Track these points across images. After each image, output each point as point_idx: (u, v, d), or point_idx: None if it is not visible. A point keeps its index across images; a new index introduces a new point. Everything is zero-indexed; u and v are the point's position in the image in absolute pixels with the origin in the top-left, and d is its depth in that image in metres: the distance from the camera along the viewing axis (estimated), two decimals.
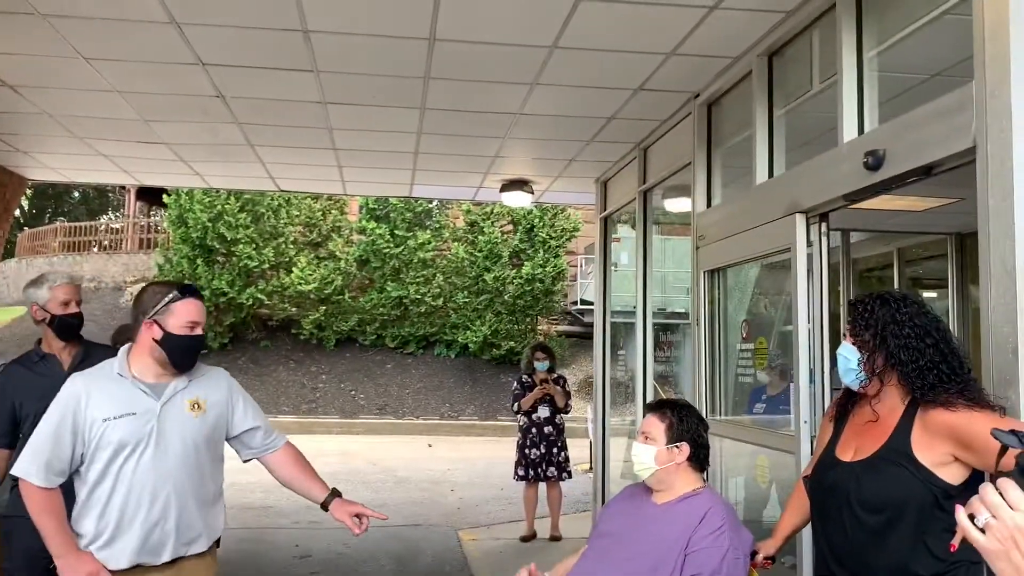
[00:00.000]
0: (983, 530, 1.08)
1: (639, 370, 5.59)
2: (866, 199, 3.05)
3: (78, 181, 8.31)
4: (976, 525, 1.08)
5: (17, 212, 13.35)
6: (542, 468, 7.10)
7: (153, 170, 6.75)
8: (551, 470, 7.10)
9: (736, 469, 4.51)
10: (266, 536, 7.17)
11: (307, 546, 6.80)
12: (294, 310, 18.07)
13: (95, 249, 23.20)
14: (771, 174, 3.76)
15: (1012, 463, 1.11)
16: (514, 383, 7.38)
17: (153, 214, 24.90)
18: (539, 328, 18.62)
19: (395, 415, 16.75)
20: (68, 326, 3.45)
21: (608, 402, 6.59)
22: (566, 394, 7.23)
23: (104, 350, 3.36)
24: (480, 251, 18.15)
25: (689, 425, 2.59)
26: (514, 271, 18.11)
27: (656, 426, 2.59)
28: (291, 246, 17.93)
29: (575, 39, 3.68)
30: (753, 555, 2.51)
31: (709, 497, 2.54)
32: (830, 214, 3.32)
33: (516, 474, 7.22)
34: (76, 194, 34.79)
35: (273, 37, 3.76)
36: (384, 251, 17.89)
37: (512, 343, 17.77)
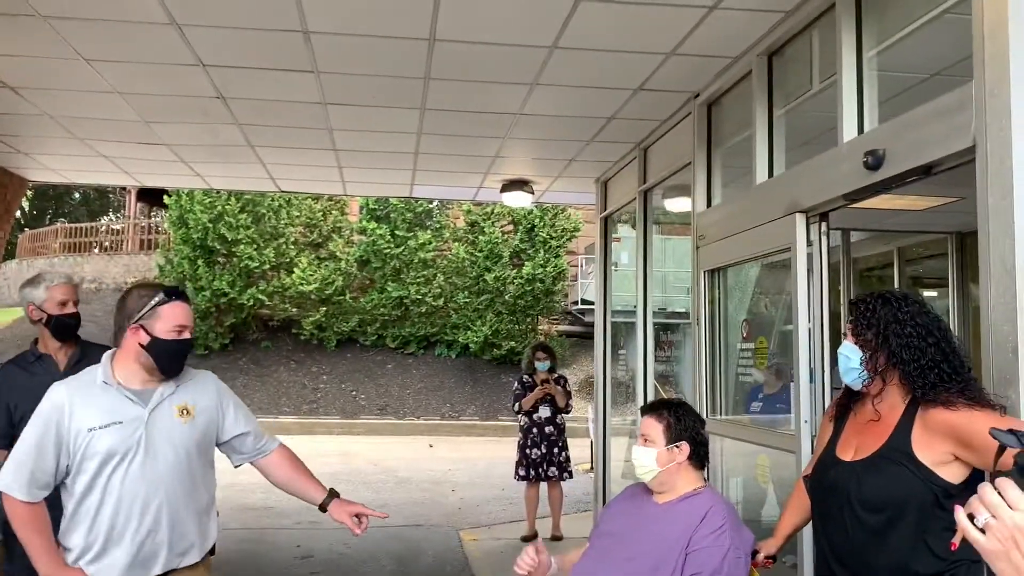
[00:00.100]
0: (983, 530, 1.07)
1: (640, 370, 5.59)
2: (866, 198, 3.05)
3: (79, 182, 8.30)
4: (976, 525, 1.08)
5: (18, 213, 13.34)
6: (543, 468, 7.09)
7: (154, 171, 6.75)
8: (552, 470, 7.09)
9: (736, 469, 4.52)
10: (267, 536, 7.16)
11: (308, 546, 6.79)
12: (295, 311, 18.07)
13: (96, 250, 23.22)
14: (771, 174, 3.77)
15: (1011, 462, 1.11)
16: (515, 383, 7.37)
17: (154, 215, 24.93)
18: (540, 328, 18.61)
19: (396, 415, 16.75)
20: (65, 327, 3.36)
21: (609, 402, 6.60)
22: (567, 394, 7.22)
23: (101, 350, 3.27)
24: (481, 251, 18.14)
25: (687, 424, 2.59)
26: (515, 271, 18.09)
27: (654, 427, 2.59)
28: (292, 247, 17.93)
29: (575, 39, 3.68)
30: (754, 554, 2.52)
31: (710, 496, 2.54)
32: (830, 213, 3.33)
33: (517, 474, 7.22)
34: (77, 195, 34.82)
35: (273, 38, 3.76)
36: (385, 251, 17.89)
37: (513, 343, 17.76)
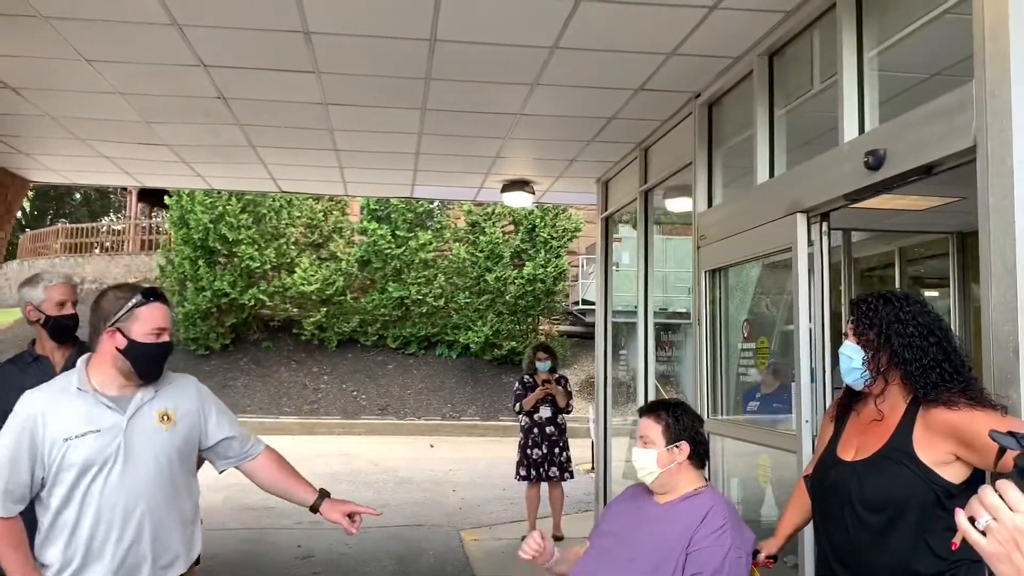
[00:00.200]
0: (984, 533, 1.07)
1: (641, 370, 5.59)
2: (867, 198, 3.05)
3: (80, 183, 8.31)
4: (977, 528, 1.08)
5: (19, 214, 13.34)
6: (544, 468, 7.09)
7: (155, 171, 6.76)
8: (553, 470, 7.09)
9: (737, 469, 4.51)
10: (267, 536, 7.16)
11: (309, 546, 6.79)
12: (296, 311, 18.07)
13: (97, 251, 23.22)
14: (772, 174, 3.77)
15: (1011, 464, 1.10)
16: (516, 383, 7.37)
17: (155, 215, 24.94)
18: (541, 328, 18.60)
19: (397, 416, 16.74)
20: (63, 328, 3.29)
21: (610, 402, 6.60)
22: (568, 394, 7.22)
23: None
24: (481, 251, 18.12)
25: (685, 423, 2.60)
26: (515, 271, 18.08)
27: (653, 429, 2.59)
28: (293, 247, 17.92)
29: (576, 39, 3.68)
30: (755, 554, 2.52)
31: (711, 496, 2.54)
32: (831, 213, 3.33)
33: (518, 474, 7.21)
34: (78, 196, 34.84)
35: (274, 38, 3.77)
36: (385, 252, 17.88)
37: (514, 343, 17.75)
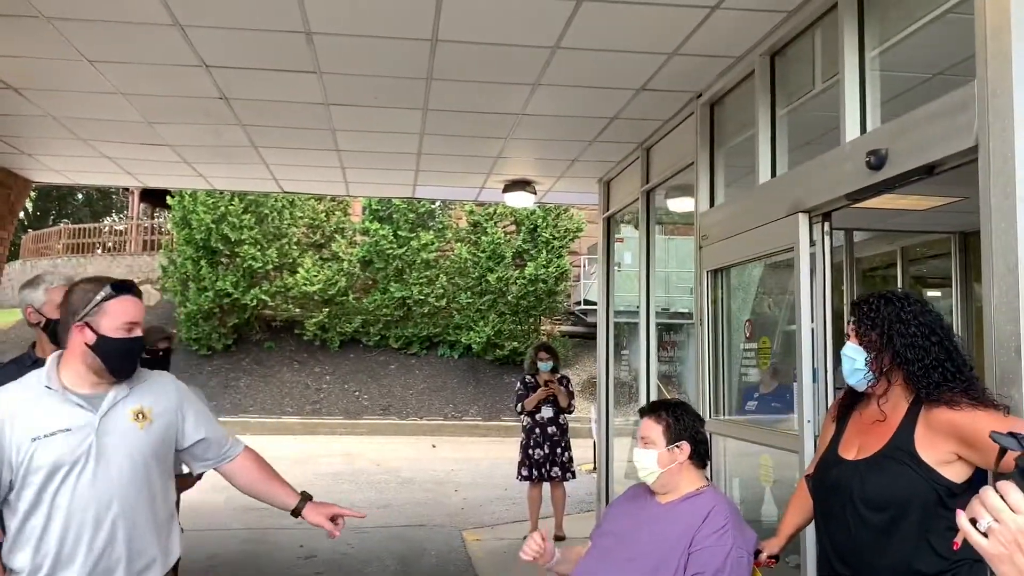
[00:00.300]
0: (985, 534, 1.07)
1: (643, 370, 5.59)
2: (869, 198, 3.05)
3: (82, 183, 8.33)
4: (978, 529, 1.08)
5: (21, 214, 13.38)
6: (546, 468, 7.09)
7: (157, 172, 6.77)
8: (555, 470, 7.09)
9: (739, 468, 4.51)
10: (269, 536, 7.16)
11: (311, 547, 6.79)
12: (298, 311, 18.08)
13: (99, 251, 23.23)
14: (774, 174, 3.76)
15: (1012, 465, 1.10)
16: (517, 383, 7.38)
17: (157, 215, 24.98)
18: (542, 328, 18.60)
19: (399, 416, 16.75)
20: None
21: (612, 402, 6.59)
22: (569, 394, 7.22)
23: None
24: (483, 252, 18.13)
25: (686, 423, 2.60)
26: (517, 271, 18.08)
27: (653, 429, 2.59)
28: (295, 247, 17.94)
29: (577, 39, 3.68)
30: (757, 554, 2.52)
31: (712, 496, 2.54)
32: (833, 213, 3.32)
33: (520, 474, 7.22)
34: (80, 196, 34.88)
35: (276, 39, 3.77)
36: (387, 252, 17.89)
37: (515, 343, 17.76)
